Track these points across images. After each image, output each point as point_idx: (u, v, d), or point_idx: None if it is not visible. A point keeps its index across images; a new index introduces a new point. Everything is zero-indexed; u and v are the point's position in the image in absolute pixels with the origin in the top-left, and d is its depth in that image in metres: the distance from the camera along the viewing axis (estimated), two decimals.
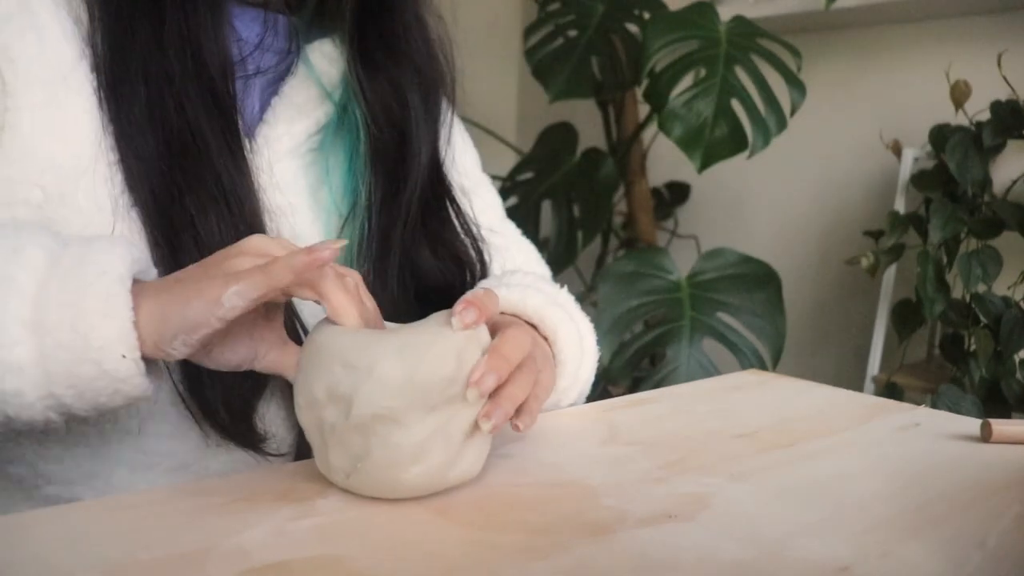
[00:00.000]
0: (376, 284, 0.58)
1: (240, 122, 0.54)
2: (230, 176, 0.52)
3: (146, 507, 0.38)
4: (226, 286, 0.39)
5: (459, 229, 0.65)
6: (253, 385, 0.51)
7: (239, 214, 0.52)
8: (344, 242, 0.41)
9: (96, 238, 0.43)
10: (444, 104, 0.66)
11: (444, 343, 0.39)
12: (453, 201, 0.66)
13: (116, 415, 0.49)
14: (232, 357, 0.44)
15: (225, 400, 0.49)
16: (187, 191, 0.50)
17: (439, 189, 0.65)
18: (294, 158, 0.57)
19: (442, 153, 0.66)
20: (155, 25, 0.51)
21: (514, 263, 0.72)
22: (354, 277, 0.45)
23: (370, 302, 0.46)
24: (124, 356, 0.40)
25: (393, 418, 0.38)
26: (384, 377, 0.38)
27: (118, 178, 0.50)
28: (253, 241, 0.43)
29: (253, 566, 0.33)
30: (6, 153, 0.48)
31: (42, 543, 0.34)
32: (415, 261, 0.61)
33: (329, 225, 0.59)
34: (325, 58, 0.60)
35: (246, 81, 0.56)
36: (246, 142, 0.54)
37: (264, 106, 0.58)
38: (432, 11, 0.65)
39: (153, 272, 0.46)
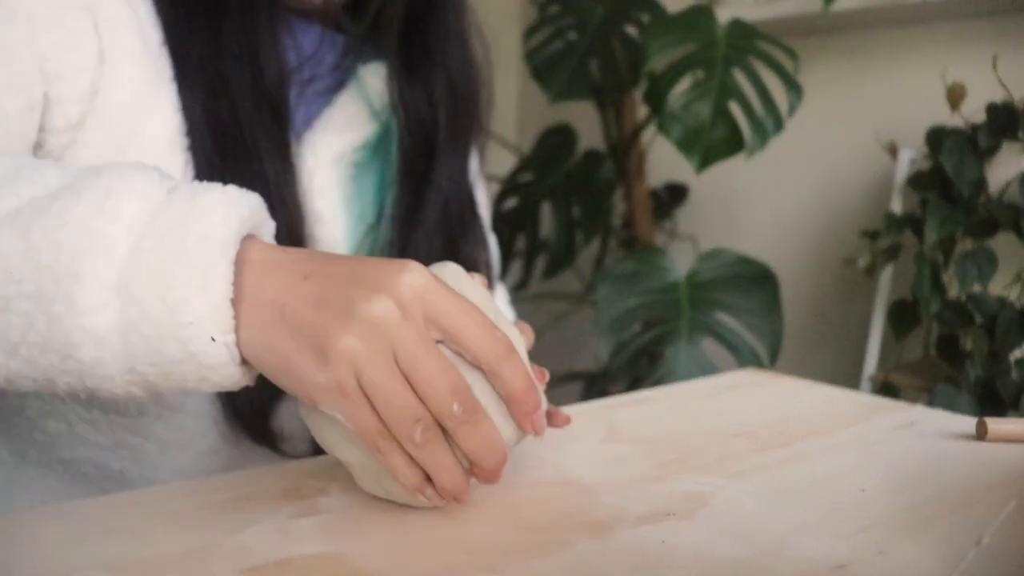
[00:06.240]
0: None
1: (291, 129, 0.54)
2: (278, 181, 0.52)
3: (148, 505, 0.38)
4: (321, 385, 0.33)
5: (478, 241, 0.67)
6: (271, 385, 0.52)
7: (283, 219, 0.52)
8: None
9: (208, 187, 0.36)
10: (476, 126, 0.67)
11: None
12: (476, 215, 0.67)
13: None
14: None
15: (246, 395, 0.49)
16: None
17: (467, 204, 0.66)
18: (336, 168, 0.58)
19: (471, 172, 0.68)
20: (213, 30, 0.52)
21: (496, 266, 0.73)
22: None
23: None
24: (214, 339, 0.34)
25: None
26: None
27: (190, 166, 0.50)
28: (410, 279, 0.34)
29: (255, 563, 0.33)
30: (98, 118, 0.48)
31: (43, 541, 0.34)
32: None
33: (358, 235, 0.59)
34: (377, 79, 0.61)
35: (300, 88, 0.57)
36: (294, 147, 0.55)
37: (314, 115, 0.58)
38: (476, 33, 0.66)
39: (271, 225, 0.40)
